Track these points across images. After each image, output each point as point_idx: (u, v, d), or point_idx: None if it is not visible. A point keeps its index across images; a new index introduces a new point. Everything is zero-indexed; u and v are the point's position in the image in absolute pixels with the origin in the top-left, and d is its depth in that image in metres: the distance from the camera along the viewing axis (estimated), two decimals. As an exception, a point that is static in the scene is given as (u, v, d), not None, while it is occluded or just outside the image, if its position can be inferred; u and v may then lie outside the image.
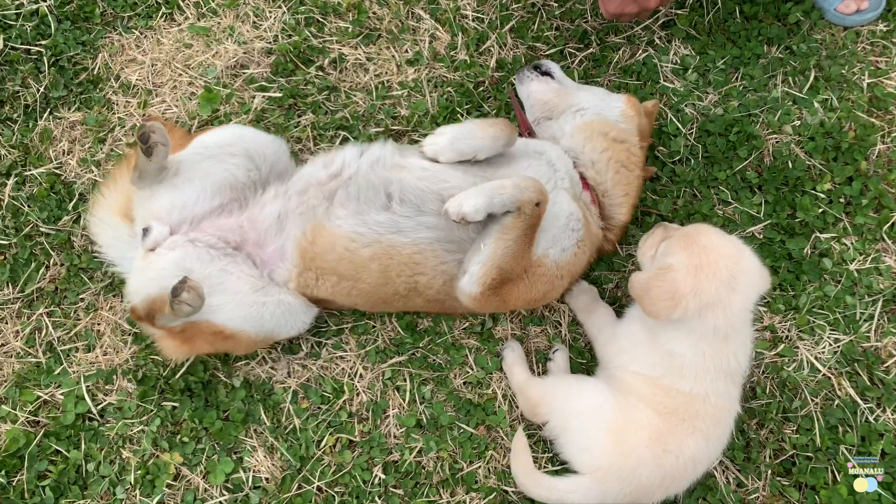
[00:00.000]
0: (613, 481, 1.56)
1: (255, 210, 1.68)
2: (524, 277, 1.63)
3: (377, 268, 1.63)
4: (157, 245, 1.62)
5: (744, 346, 1.60)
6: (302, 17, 2.16)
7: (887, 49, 2.14)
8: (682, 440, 1.56)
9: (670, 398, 1.58)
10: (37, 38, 2.12)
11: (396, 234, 1.61)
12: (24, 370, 1.79)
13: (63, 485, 1.68)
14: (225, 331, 1.62)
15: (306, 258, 1.66)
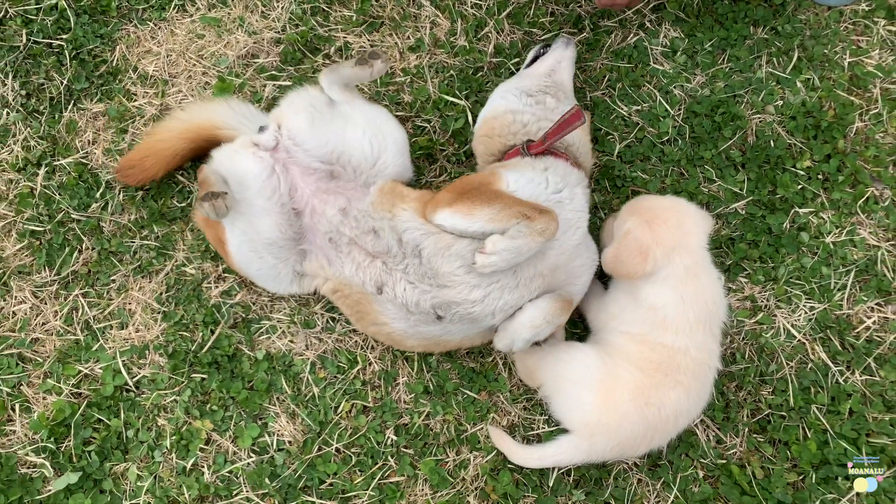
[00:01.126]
0: (600, 435, 1.73)
1: (319, 203, 1.79)
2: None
3: (421, 346, 1.85)
4: (259, 144, 1.79)
5: (714, 286, 1.79)
6: (308, 7, 2.26)
7: (868, 28, 2.24)
8: (664, 394, 1.72)
9: (655, 353, 1.74)
10: (57, 31, 2.23)
11: (447, 335, 1.78)
12: (64, 347, 1.95)
13: (106, 450, 1.86)
14: (225, 245, 1.83)
15: (349, 298, 1.80)
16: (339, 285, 1.80)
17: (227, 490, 1.82)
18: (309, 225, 1.81)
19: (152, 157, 1.97)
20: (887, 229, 2.04)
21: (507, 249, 1.60)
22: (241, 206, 1.76)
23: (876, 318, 1.97)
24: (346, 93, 1.89)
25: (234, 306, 1.99)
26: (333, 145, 1.81)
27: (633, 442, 1.74)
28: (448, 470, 1.85)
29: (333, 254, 1.79)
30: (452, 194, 1.67)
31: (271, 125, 1.84)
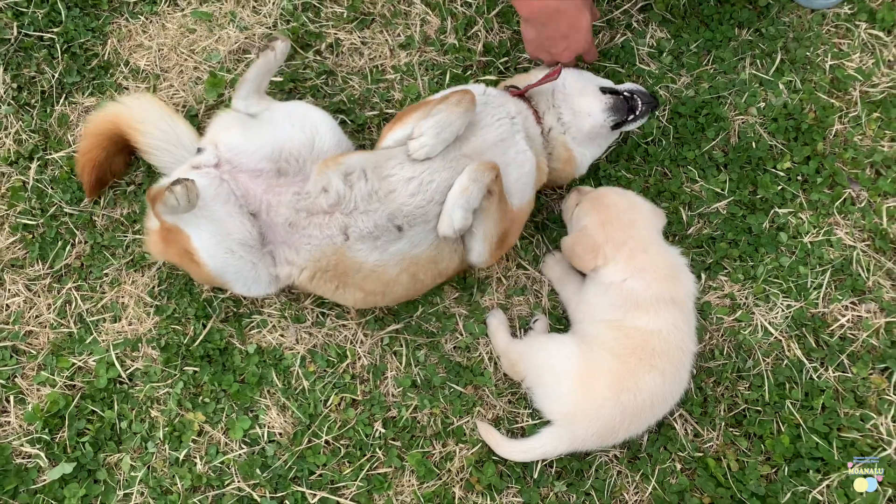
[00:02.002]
0: (580, 423, 1.79)
1: (273, 198, 1.83)
2: (513, 226, 1.91)
3: (407, 277, 1.86)
4: (200, 166, 1.83)
5: (668, 257, 1.90)
6: (299, 3, 2.28)
7: (850, 31, 2.29)
8: (639, 378, 1.79)
9: (630, 338, 1.82)
10: (48, 24, 2.23)
11: (415, 248, 1.83)
12: (58, 339, 1.98)
13: (100, 441, 1.90)
14: (194, 255, 1.79)
15: (327, 271, 1.84)
16: (315, 265, 1.83)
17: (218, 480, 1.87)
18: (267, 222, 1.84)
19: (92, 168, 1.99)
20: (863, 230, 2.10)
21: (431, 126, 1.76)
22: (201, 212, 1.76)
23: (850, 316, 2.03)
24: (263, 101, 1.95)
25: (226, 301, 2.02)
26: (271, 144, 1.85)
27: (612, 429, 1.80)
28: (434, 462, 1.90)
29: (297, 237, 1.83)
30: (394, 119, 1.91)
31: (207, 147, 1.87)
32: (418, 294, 1.98)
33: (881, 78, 2.23)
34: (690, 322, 1.89)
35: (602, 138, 2.04)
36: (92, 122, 1.99)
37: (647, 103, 1.98)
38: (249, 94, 1.93)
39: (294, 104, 2.00)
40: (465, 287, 2.06)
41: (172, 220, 1.77)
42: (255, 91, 1.93)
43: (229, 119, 1.92)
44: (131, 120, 1.93)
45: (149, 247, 1.92)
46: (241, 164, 1.84)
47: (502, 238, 1.88)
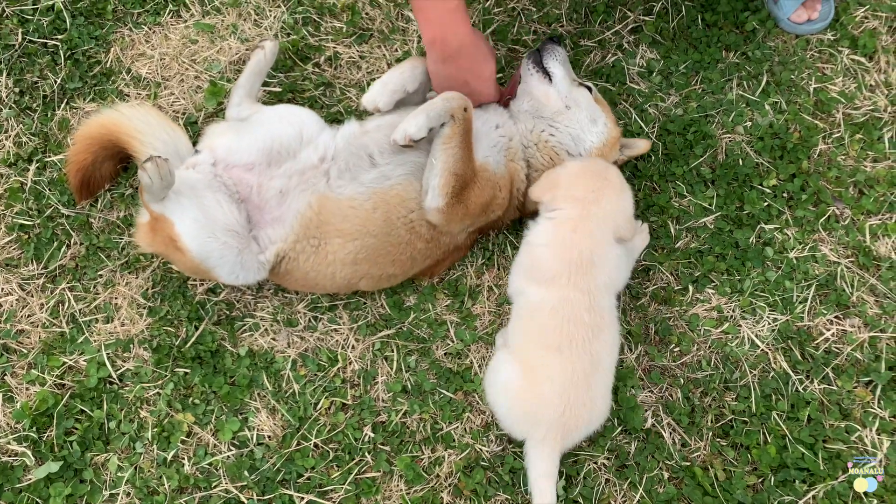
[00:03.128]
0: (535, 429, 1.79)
1: (264, 179, 1.90)
2: (476, 181, 1.91)
3: (380, 216, 1.89)
4: (196, 165, 1.91)
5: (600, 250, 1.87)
6: (300, 17, 2.34)
7: (833, 57, 2.36)
8: (549, 365, 1.79)
9: (533, 322, 1.86)
10: (53, 32, 2.28)
11: (385, 180, 1.90)
12: (50, 339, 1.99)
13: (88, 440, 1.89)
14: (177, 241, 1.81)
15: (310, 227, 1.88)
16: (300, 225, 1.88)
17: (206, 482, 1.86)
18: (257, 203, 1.90)
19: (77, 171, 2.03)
20: (847, 247, 2.15)
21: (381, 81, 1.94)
22: (189, 200, 1.81)
23: (835, 330, 2.06)
24: (254, 106, 2.06)
25: (219, 303, 2.04)
26: (262, 140, 1.93)
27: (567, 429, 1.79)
28: (423, 466, 1.90)
29: (285, 206, 1.90)
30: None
31: (204, 150, 1.95)
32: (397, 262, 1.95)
33: (863, 101, 2.30)
34: (597, 305, 1.84)
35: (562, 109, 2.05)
36: (85, 126, 2.02)
37: (547, 41, 2.11)
38: (242, 100, 2.03)
39: (280, 105, 2.09)
40: (457, 294, 2.08)
41: (158, 208, 1.80)
42: (247, 95, 2.04)
43: (223, 127, 2.01)
44: (130, 129, 1.96)
45: (138, 239, 1.94)
46: (234, 160, 1.91)
47: (461, 186, 1.85)
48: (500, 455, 1.92)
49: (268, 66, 2.06)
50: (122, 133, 1.95)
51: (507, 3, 2.40)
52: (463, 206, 1.90)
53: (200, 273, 1.92)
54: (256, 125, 1.96)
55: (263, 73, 2.07)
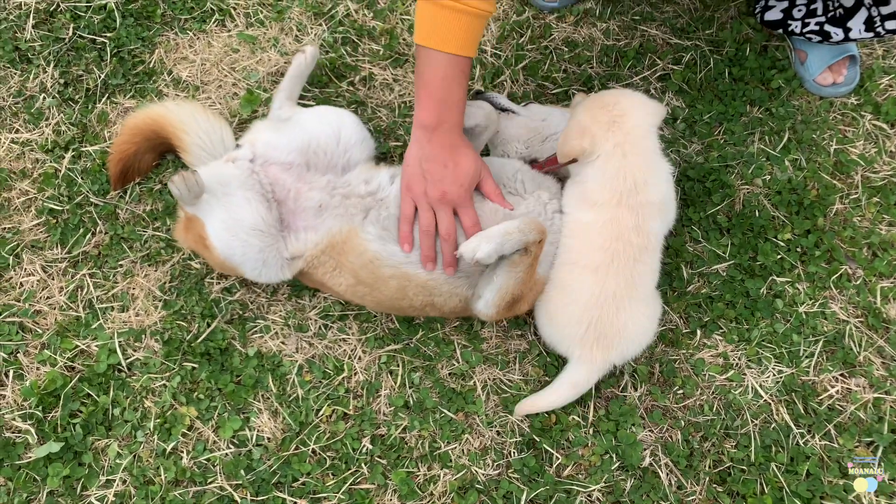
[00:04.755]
0: (574, 345, 1.88)
1: (303, 186, 1.94)
2: (531, 293, 1.92)
3: (395, 285, 1.90)
4: (235, 159, 1.95)
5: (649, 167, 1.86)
6: (339, 36, 2.42)
7: (855, 120, 2.41)
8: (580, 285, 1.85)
9: (576, 239, 1.88)
10: (103, 29, 2.37)
11: (411, 265, 1.87)
12: (65, 322, 2.03)
13: (91, 424, 1.92)
14: (206, 240, 1.89)
15: (335, 248, 1.90)
16: (329, 240, 1.90)
17: (202, 476, 1.87)
18: (293, 208, 1.93)
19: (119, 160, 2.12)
20: (857, 306, 2.16)
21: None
22: (220, 199, 1.88)
23: (839, 387, 2.06)
24: (294, 108, 2.13)
25: (233, 303, 2.07)
26: (300, 139, 1.98)
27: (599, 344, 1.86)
28: (418, 483, 1.91)
29: (321, 220, 1.92)
30: None
31: (245, 144, 2.01)
32: (404, 313, 2.03)
33: (882, 166, 2.33)
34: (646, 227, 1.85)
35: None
36: (132, 117, 2.10)
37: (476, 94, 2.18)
38: (283, 103, 2.10)
39: (321, 107, 2.14)
40: (466, 317, 2.11)
41: (192, 209, 1.87)
42: (288, 98, 2.11)
43: (265, 124, 2.08)
44: (176, 122, 2.04)
45: (175, 235, 2.04)
46: (273, 157, 1.96)
47: (515, 300, 1.89)
48: (496, 479, 1.92)
49: (308, 70, 2.13)
50: (168, 125, 2.04)
51: (541, 41, 2.47)
52: (511, 311, 1.93)
53: (228, 269, 1.98)
54: (296, 124, 2.02)
55: (304, 77, 2.15)
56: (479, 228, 1.81)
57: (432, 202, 1.79)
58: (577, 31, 2.51)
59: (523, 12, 2.51)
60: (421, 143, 1.79)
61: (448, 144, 1.78)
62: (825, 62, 2.40)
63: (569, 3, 2.52)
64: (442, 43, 1.70)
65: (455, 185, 1.77)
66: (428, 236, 1.82)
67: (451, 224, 1.81)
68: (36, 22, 2.37)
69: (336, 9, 2.45)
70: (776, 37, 2.50)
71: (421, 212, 1.82)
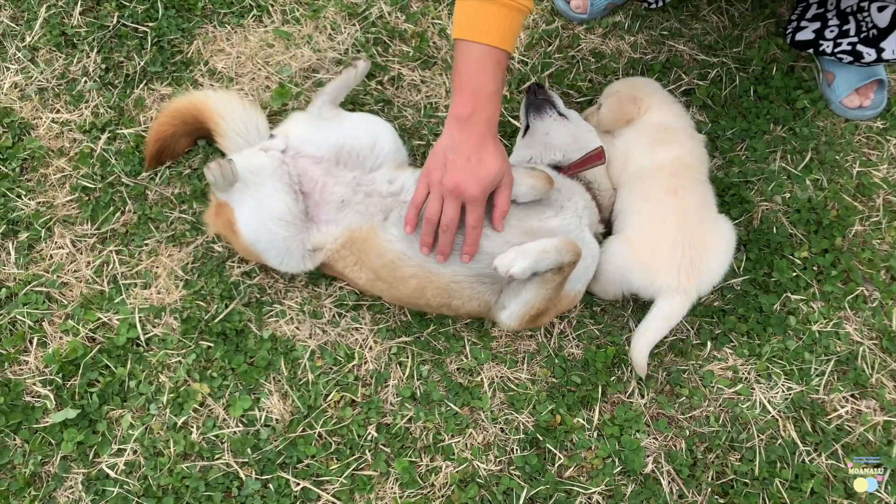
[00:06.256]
0: (665, 278, 1.96)
1: (330, 180, 1.99)
2: (555, 308, 1.98)
3: (415, 284, 1.94)
4: (268, 149, 2.01)
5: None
6: (371, 37, 2.48)
7: (880, 144, 2.40)
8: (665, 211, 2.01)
9: (657, 180, 2.05)
10: (145, 19, 2.47)
11: (434, 264, 1.90)
12: (90, 294, 2.10)
13: (107, 394, 1.98)
14: (234, 225, 1.96)
15: (356, 244, 1.95)
16: (349, 235, 1.95)
17: (210, 452, 1.92)
18: (318, 201, 1.98)
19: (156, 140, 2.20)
20: (872, 328, 2.15)
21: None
22: (250, 188, 1.94)
23: (849, 408, 2.05)
24: (335, 110, 2.15)
25: (252, 287, 2.13)
26: (335, 138, 2.03)
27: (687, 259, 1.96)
28: (420, 473, 1.93)
29: (342, 214, 1.97)
30: None
31: (279, 135, 2.07)
32: (419, 309, 2.07)
33: (905, 190, 2.33)
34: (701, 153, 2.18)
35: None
36: (174, 101, 2.19)
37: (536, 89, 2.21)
38: (324, 104, 2.11)
39: (363, 114, 2.19)
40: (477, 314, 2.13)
41: (223, 196, 1.93)
42: (330, 102, 2.12)
43: (303, 117, 2.11)
44: (215, 108, 2.12)
45: (206, 218, 2.11)
46: (305, 150, 2.01)
47: (540, 313, 1.93)
48: (497, 475, 1.94)
49: (356, 82, 2.16)
50: (207, 111, 2.12)
51: (568, 50, 2.51)
52: (534, 323, 1.99)
53: (252, 256, 2.04)
54: (335, 125, 2.06)
55: (350, 87, 2.17)
56: (479, 230, 1.82)
57: (444, 191, 1.78)
58: (605, 43, 2.54)
59: (553, 22, 2.56)
60: (451, 134, 1.74)
61: (477, 138, 1.72)
62: (853, 85, 2.41)
63: (599, 15, 2.56)
64: (479, 34, 1.69)
65: (472, 180, 1.73)
66: (429, 223, 1.83)
67: (455, 217, 1.79)
68: (83, 9, 2.47)
69: (370, 10, 2.52)
70: (804, 58, 2.51)
71: (431, 198, 1.81)
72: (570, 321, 2.14)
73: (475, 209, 1.79)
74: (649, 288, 1.99)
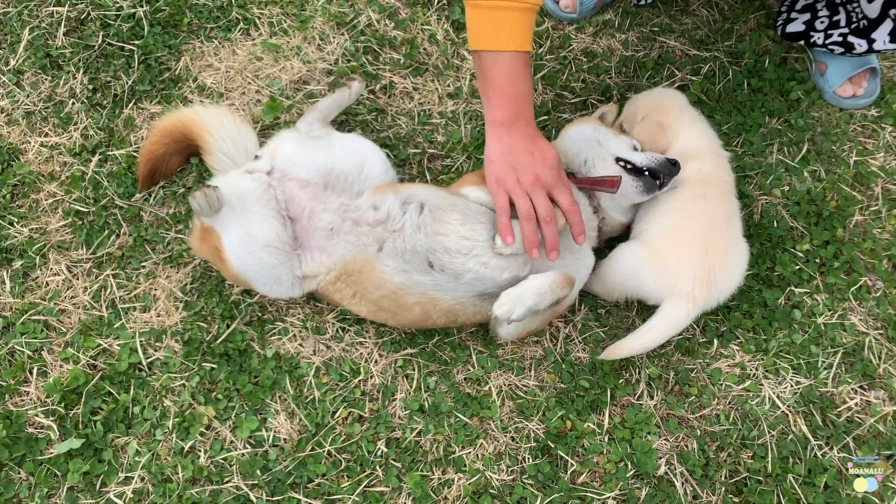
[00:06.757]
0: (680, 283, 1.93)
1: (318, 205, 1.95)
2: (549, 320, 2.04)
3: (419, 311, 1.92)
4: (253, 171, 1.98)
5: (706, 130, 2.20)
6: (361, 46, 2.46)
7: (876, 132, 2.40)
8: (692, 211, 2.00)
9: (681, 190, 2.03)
10: (131, 37, 2.43)
11: (438, 291, 1.89)
12: (88, 321, 2.07)
13: (112, 422, 1.95)
14: (221, 252, 1.91)
15: (351, 276, 1.92)
16: (343, 268, 1.92)
17: (219, 475, 1.89)
18: (307, 227, 1.95)
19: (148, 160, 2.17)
20: (877, 318, 2.15)
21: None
22: (237, 214, 1.89)
23: (858, 399, 2.05)
24: (325, 129, 2.11)
25: (252, 305, 2.10)
26: (323, 161, 2.00)
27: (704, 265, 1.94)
28: (432, 487, 1.91)
29: (332, 243, 1.92)
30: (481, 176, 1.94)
31: (265, 155, 2.03)
32: (427, 328, 2.06)
33: (903, 178, 2.32)
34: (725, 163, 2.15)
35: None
36: (162, 120, 2.15)
37: (669, 175, 2.00)
38: (315, 121, 2.08)
39: (352, 136, 2.15)
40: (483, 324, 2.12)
41: (209, 221, 1.90)
42: (320, 119, 2.09)
43: (290, 136, 2.07)
44: (203, 123, 2.09)
45: (191, 243, 2.05)
46: (291, 172, 1.97)
47: (537, 329, 2.03)
48: (510, 485, 1.92)
49: (349, 102, 2.13)
50: (195, 126, 2.08)
51: (560, 51, 2.50)
52: (531, 335, 2.06)
53: (241, 282, 2.00)
54: (322, 146, 2.03)
55: (343, 107, 2.14)
56: (577, 207, 1.83)
57: (527, 188, 1.77)
58: (596, 42, 2.53)
59: (542, 23, 2.54)
60: (501, 139, 1.78)
61: (528, 136, 1.79)
62: (845, 74, 2.40)
63: (588, 14, 2.55)
64: (503, 43, 1.73)
65: (546, 168, 1.77)
66: (529, 221, 1.80)
67: (549, 206, 1.79)
68: (67, 30, 2.43)
69: (358, 19, 2.50)
70: (795, 48, 2.50)
71: (517, 200, 1.79)
72: (575, 325, 2.13)
73: (562, 190, 1.81)
74: (661, 290, 1.96)
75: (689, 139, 2.12)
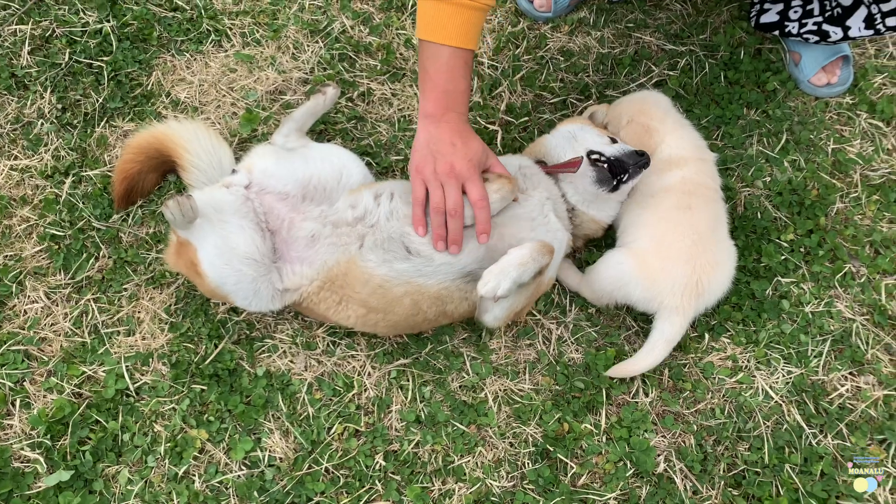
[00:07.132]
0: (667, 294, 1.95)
1: (297, 216, 1.92)
2: (532, 300, 2.01)
3: (409, 302, 1.89)
4: (230, 185, 1.95)
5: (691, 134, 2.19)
6: (336, 53, 2.42)
7: (851, 119, 2.43)
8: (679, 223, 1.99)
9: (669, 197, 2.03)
10: (99, 54, 2.37)
11: (421, 277, 1.87)
12: (71, 348, 2.01)
13: (101, 451, 1.90)
14: (197, 266, 1.87)
15: (336, 282, 1.89)
16: (326, 275, 1.89)
17: (215, 500, 1.85)
18: (286, 239, 1.92)
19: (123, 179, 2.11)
20: (862, 304, 2.17)
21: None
22: (214, 226, 1.85)
23: (849, 386, 2.07)
24: (301, 140, 2.09)
25: (239, 323, 2.06)
26: (301, 172, 1.97)
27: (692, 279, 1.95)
28: (433, 498, 1.89)
29: (313, 251, 1.90)
30: None
31: (242, 170, 2.00)
32: (420, 328, 2.02)
33: (880, 164, 2.35)
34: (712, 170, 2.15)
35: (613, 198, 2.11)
36: (136, 137, 2.09)
37: (635, 164, 1.99)
38: (291, 132, 2.06)
39: (329, 146, 2.12)
40: (474, 328, 2.10)
41: (184, 234, 1.86)
42: (297, 129, 2.07)
43: (267, 150, 2.04)
44: (179, 139, 2.04)
45: (166, 258, 2.01)
46: (269, 186, 1.94)
47: (521, 311, 1.99)
48: (511, 492, 1.91)
49: (325, 109, 2.10)
50: (170, 143, 2.04)
51: (537, 51, 2.49)
52: (517, 318, 2.04)
53: (218, 297, 1.96)
54: (299, 158, 2.00)
55: (318, 114, 2.11)
56: (486, 202, 1.80)
57: (441, 177, 1.78)
58: (573, 41, 2.52)
59: (518, 23, 2.53)
60: (429, 130, 1.80)
61: (456, 129, 1.79)
62: (819, 63, 2.42)
63: (562, 12, 2.54)
64: (445, 37, 1.74)
65: (464, 159, 1.78)
66: (438, 213, 1.80)
67: (459, 199, 1.79)
68: (32, 48, 2.36)
69: (332, 26, 2.46)
70: (769, 39, 2.52)
71: (431, 191, 1.80)
72: (566, 326, 2.12)
73: (475, 183, 1.80)
74: (649, 303, 1.99)
75: (672, 144, 2.12)
